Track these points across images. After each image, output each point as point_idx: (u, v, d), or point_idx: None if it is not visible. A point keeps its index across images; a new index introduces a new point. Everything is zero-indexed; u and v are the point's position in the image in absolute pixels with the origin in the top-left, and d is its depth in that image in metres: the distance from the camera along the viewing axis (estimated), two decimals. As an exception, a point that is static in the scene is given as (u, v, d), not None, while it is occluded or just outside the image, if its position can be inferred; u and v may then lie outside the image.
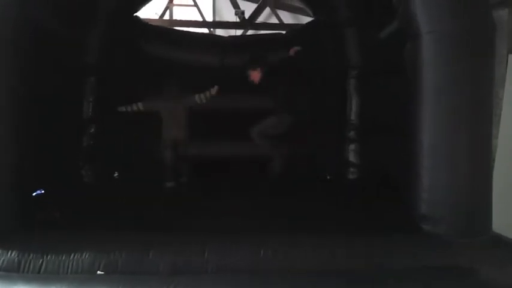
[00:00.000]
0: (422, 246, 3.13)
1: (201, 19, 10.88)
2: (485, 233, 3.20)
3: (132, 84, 6.00)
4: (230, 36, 8.28)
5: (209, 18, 11.80)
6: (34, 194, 4.12)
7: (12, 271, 2.87)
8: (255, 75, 4.95)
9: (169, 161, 5.46)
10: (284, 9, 10.87)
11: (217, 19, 11.92)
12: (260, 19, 10.04)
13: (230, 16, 9.80)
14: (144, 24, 6.67)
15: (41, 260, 2.90)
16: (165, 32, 7.04)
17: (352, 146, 5.69)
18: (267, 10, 10.44)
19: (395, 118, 3.88)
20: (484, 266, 2.98)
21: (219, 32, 10.42)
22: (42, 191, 4.29)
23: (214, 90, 5.20)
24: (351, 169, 5.70)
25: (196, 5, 11.42)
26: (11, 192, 3.27)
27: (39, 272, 2.88)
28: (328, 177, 6.08)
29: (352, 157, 5.68)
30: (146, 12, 8.19)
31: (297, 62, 5.25)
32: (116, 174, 5.86)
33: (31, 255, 2.92)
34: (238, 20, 9.34)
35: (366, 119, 5.56)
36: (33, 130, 3.58)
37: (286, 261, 3.00)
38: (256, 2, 9.78)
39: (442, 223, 3.19)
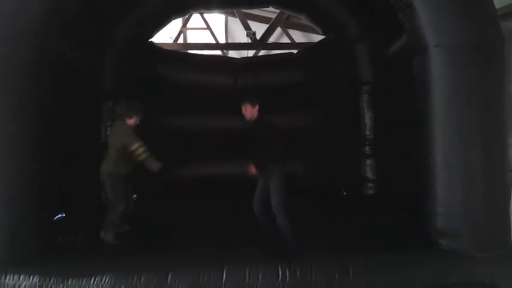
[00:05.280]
0: (442, 262, 3.07)
1: (214, 41, 11.09)
2: (504, 246, 3.13)
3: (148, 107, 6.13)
4: (242, 58, 8.40)
5: (222, 40, 12.01)
6: (55, 218, 4.22)
7: (34, 296, 2.94)
8: (248, 112, 4.03)
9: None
10: (295, 28, 10.98)
11: (229, 41, 12.12)
12: (271, 39, 10.15)
13: (242, 37, 9.94)
14: (159, 49, 6.85)
15: (61, 285, 2.97)
16: (179, 56, 7.21)
17: (368, 161, 5.66)
18: (278, 30, 10.55)
19: (408, 131, 3.86)
20: (504, 280, 2.92)
21: (232, 53, 10.60)
22: (63, 215, 4.39)
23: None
24: (368, 184, 5.65)
25: (209, 27, 11.66)
26: (32, 216, 3.35)
27: (60, 296, 2.93)
28: (345, 193, 6.06)
29: (368, 172, 5.64)
30: (161, 37, 8.40)
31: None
32: (134, 196, 5.93)
33: (52, 279, 2.99)
34: (250, 41, 9.46)
35: (380, 134, 5.54)
36: (54, 155, 3.69)
37: (306, 280, 2.99)
38: (267, 23, 9.91)
39: (459, 237, 3.14)
